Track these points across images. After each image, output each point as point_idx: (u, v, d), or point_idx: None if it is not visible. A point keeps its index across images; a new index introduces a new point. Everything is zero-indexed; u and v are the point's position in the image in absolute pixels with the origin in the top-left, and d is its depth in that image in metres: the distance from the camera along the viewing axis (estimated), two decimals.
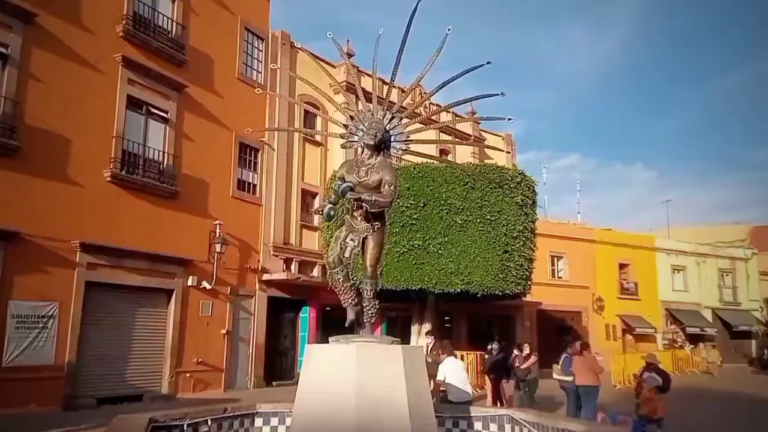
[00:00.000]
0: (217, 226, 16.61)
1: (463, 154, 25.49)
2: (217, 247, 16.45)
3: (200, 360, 16.03)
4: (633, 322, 31.65)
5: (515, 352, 13.45)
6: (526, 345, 14.23)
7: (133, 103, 15.13)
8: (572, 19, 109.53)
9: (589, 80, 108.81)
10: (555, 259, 30.29)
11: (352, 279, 5.59)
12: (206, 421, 5.48)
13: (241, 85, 18.32)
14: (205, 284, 16.24)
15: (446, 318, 24.84)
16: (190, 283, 15.92)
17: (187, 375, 15.69)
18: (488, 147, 15.38)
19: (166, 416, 5.31)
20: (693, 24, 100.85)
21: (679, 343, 31.04)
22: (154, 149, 15.51)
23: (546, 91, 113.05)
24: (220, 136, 17.48)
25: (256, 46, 19.49)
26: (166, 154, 15.77)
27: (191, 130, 16.60)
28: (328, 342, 5.10)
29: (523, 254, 15.87)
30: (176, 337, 15.52)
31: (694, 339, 32.88)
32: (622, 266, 32.81)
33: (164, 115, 15.88)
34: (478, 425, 6.13)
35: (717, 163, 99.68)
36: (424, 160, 12.03)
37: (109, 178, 14.20)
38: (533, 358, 13.23)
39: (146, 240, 14.79)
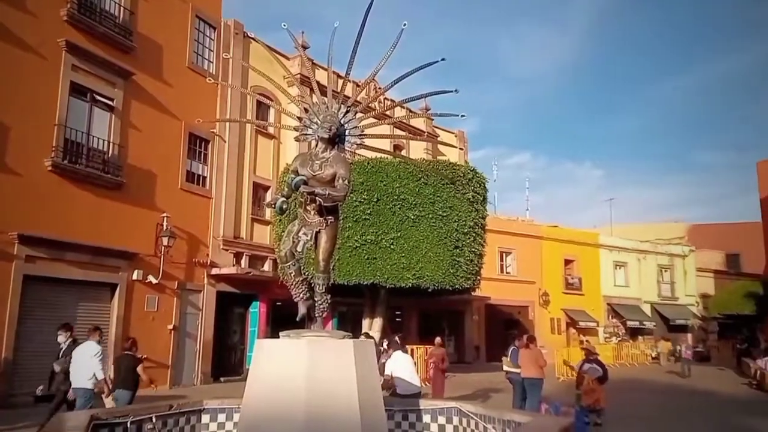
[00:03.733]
0: (165, 218, 16.19)
1: (417, 150, 25.69)
2: (164, 241, 16.04)
3: (145, 356, 15.44)
4: (577, 316, 32.79)
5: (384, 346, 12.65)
6: (396, 338, 13.71)
7: (77, 90, 14.54)
8: (527, 21, 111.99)
9: (542, 80, 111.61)
10: (504, 254, 31.00)
11: (304, 273, 5.55)
12: (150, 418, 5.34)
13: (191, 74, 17.87)
14: (151, 278, 15.82)
15: (397, 312, 25.05)
16: (135, 277, 15.47)
17: None
18: (441, 143, 15.59)
19: (108, 413, 5.15)
20: (642, 30, 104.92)
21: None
22: (98, 138, 14.96)
23: (500, 89, 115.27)
24: (168, 126, 17.00)
25: (207, 34, 19.04)
26: (111, 144, 15.24)
27: (138, 119, 16.09)
28: (278, 337, 5.06)
29: (473, 250, 16.14)
30: (120, 333, 15.04)
31: (634, 332, 34.35)
32: (567, 262, 33.91)
33: (110, 103, 15.34)
34: (426, 418, 6.20)
35: (660, 163, 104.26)
36: (378, 154, 12.05)
37: (50, 168, 13.62)
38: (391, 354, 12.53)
39: (89, 232, 14.27)
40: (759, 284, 29.17)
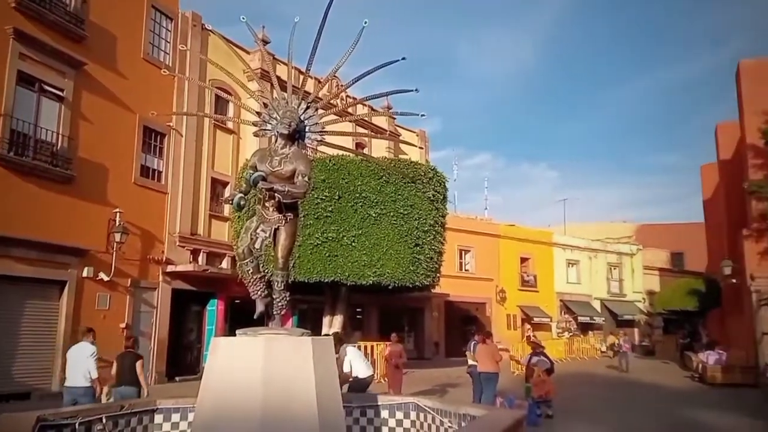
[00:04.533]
0: (117, 214, 15.74)
1: (379, 149, 25.74)
2: (117, 237, 15.60)
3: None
4: (531, 312, 33.57)
5: None
6: (340, 334, 13.86)
7: (25, 80, 13.99)
8: (486, 24, 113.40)
9: (501, 83, 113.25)
10: (463, 252, 31.42)
11: (263, 271, 5.50)
12: (100, 419, 5.19)
13: (146, 65, 17.40)
14: (102, 276, 15.37)
15: (358, 310, 25.08)
16: (85, 274, 15.00)
17: None
18: (403, 142, 15.69)
19: (56, 414, 4.97)
20: (596, 38, 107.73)
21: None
22: (47, 130, 14.42)
23: (462, 91, 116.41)
24: (122, 118, 16.52)
25: (164, 26, 18.58)
26: (60, 136, 14.71)
27: (90, 111, 15.58)
28: (235, 335, 5.00)
29: (433, 247, 16.32)
30: (68, 332, 14.53)
31: (585, 327, 35.39)
32: (523, 260, 34.66)
33: (59, 93, 14.80)
34: (384, 413, 6.25)
35: (611, 165, 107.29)
36: (340, 152, 12.03)
37: None
38: None
39: (37, 227, 13.73)
40: (701, 281, 30.35)
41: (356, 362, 9.38)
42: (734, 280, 21.60)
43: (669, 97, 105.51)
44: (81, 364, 8.74)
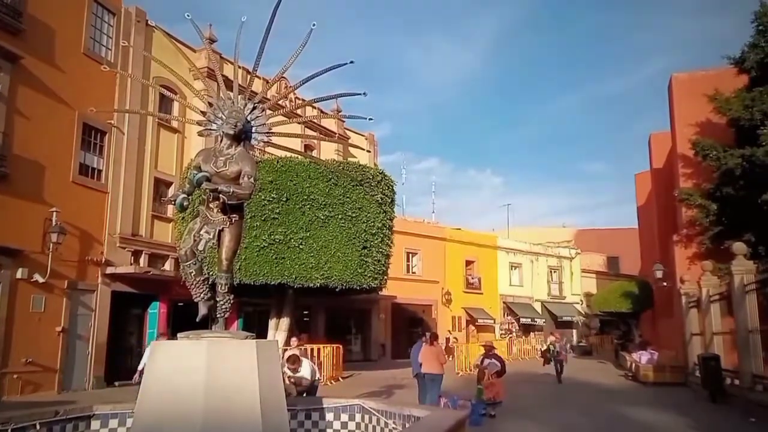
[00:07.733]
0: (54, 213, 15.12)
1: (327, 151, 25.70)
2: (53, 237, 14.98)
3: (30, 360, 14.55)
4: (476, 314, 34.27)
5: None
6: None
7: None
8: (438, 32, 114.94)
9: (448, 91, 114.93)
10: (410, 255, 31.76)
11: (207, 273, 5.43)
12: (34, 425, 5.02)
13: (87, 60, 16.80)
14: (37, 277, 14.74)
15: (305, 312, 24.93)
16: (19, 275, 14.38)
17: (15, 376, 14.22)
18: (352, 145, 15.74)
19: None
20: (538, 50, 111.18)
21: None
22: None
23: (411, 97, 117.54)
24: (60, 114, 15.90)
25: (106, 20, 17.98)
26: None
27: (27, 106, 14.94)
28: (177, 339, 4.91)
29: (380, 250, 16.44)
30: (1, 335, 13.91)
31: (527, 329, 36.43)
32: (468, 263, 35.37)
33: None
34: (329, 416, 6.28)
35: (552, 172, 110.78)
36: (288, 153, 11.99)
37: None
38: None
39: None
40: (635, 284, 31.69)
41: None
42: (665, 283, 22.72)
43: (607, 107, 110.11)
44: None
